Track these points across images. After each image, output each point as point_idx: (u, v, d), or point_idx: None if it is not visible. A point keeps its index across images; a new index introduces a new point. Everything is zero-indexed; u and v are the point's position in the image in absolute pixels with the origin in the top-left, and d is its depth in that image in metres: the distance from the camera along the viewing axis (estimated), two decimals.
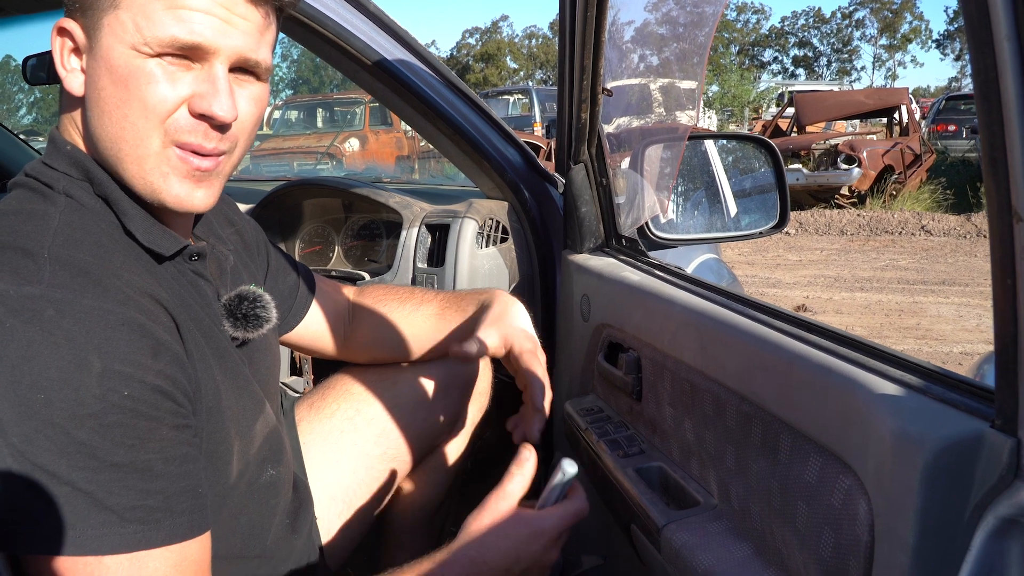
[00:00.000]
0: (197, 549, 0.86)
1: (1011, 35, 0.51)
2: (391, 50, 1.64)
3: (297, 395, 1.53)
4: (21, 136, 3.33)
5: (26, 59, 2.42)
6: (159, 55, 0.86)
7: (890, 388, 0.74)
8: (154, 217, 0.95)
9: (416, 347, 1.47)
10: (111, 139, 0.89)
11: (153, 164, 0.89)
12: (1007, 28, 0.51)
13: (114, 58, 0.86)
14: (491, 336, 1.30)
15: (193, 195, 0.92)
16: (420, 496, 1.57)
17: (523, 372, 1.30)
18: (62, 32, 0.90)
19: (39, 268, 0.82)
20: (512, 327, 1.32)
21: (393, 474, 1.46)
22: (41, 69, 2.42)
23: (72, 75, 0.91)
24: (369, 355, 1.50)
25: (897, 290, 7.03)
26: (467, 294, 1.46)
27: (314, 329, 1.41)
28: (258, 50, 0.92)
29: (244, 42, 0.90)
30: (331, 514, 1.37)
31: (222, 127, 0.91)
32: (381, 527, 1.56)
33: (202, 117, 0.89)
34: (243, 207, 2.26)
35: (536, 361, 1.30)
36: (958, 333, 5.54)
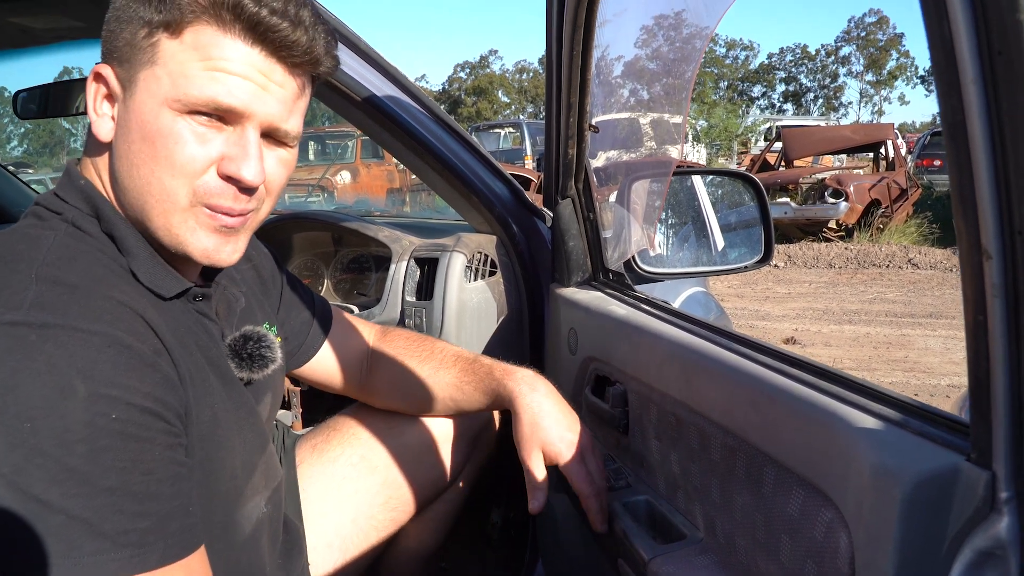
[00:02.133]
0: (190, 567, 0.85)
1: (977, 79, 0.53)
2: (380, 87, 1.66)
3: (299, 433, 1.52)
4: (10, 168, 3.33)
5: (17, 93, 2.42)
6: (190, 113, 0.87)
7: (870, 422, 0.75)
8: (163, 258, 0.95)
9: (429, 408, 1.44)
10: (138, 191, 0.90)
11: (180, 219, 0.91)
12: (973, 72, 0.53)
13: (145, 113, 0.88)
14: (537, 465, 1.25)
15: (221, 250, 0.94)
16: (417, 544, 1.56)
17: (573, 485, 1.24)
18: (98, 78, 0.91)
19: (25, 289, 0.81)
20: (548, 439, 1.25)
21: (392, 524, 1.44)
22: (32, 102, 2.43)
23: (102, 120, 0.92)
24: (384, 403, 1.48)
25: (885, 323, 7.07)
26: (484, 371, 1.38)
27: (327, 366, 1.41)
28: (289, 119, 0.94)
29: (277, 110, 0.92)
30: (326, 561, 1.35)
31: (249, 189, 0.92)
32: (375, 570, 1.54)
33: (229, 179, 0.91)
34: None
35: (580, 468, 1.24)
36: (946, 366, 5.56)
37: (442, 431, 1.48)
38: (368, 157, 12.64)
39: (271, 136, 0.94)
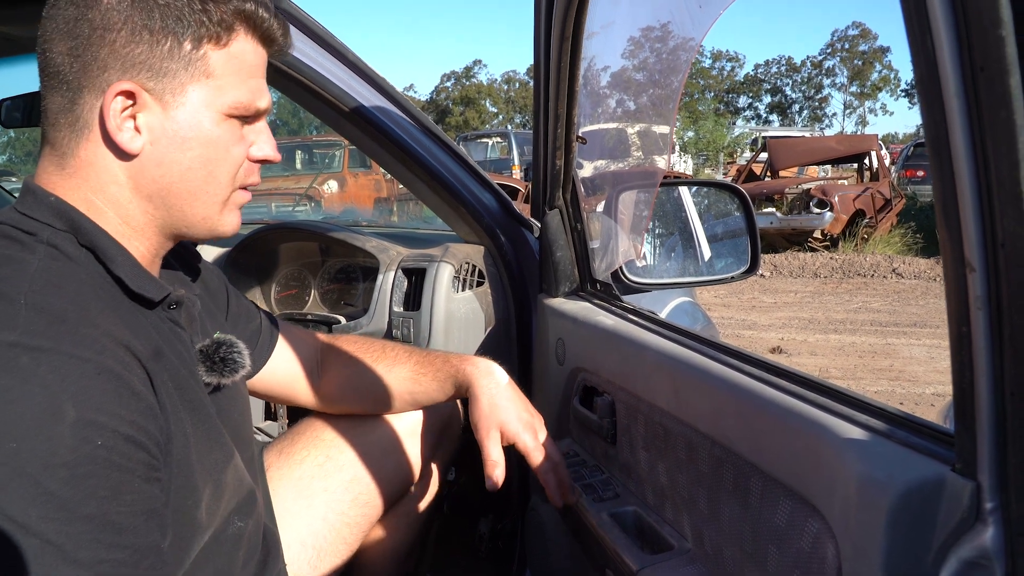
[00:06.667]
0: None
1: (960, 93, 0.53)
2: (368, 97, 1.66)
3: (267, 440, 1.52)
4: None
5: (1, 101, 2.41)
6: (229, 116, 0.98)
7: (856, 432, 0.75)
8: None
9: (387, 406, 1.47)
10: (189, 193, 0.98)
11: (224, 208, 1.02)
12: (956, 86, 0.54)
13: (203, 121, 0.96)
14: (494, 443, 1.32)
15: (239, 221, 1.06)
16: (391, 542, 1.56)
17: (531, 461, 1.33)
18: (127, 95, 0.92)
19: (15, 314, 0.81)
20: (506, 419, 1.34)
21: (364, 520, 1.45)
22: (16, 111, 2.40)
23: (128, 134, 0.93)
24: (339, 408, 1.49)
25: (870, 332, 7.10)
26: (440, 360, 1.44)
27: (280, 376, 1.40)
28: None
29: None
30: (301, 561, 1.36)
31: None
32: (352, 571, 1.54)
33: (258, 160, 1.04)
34: (220, 250, 2.26)
35: (538, 446, 1.34)
36: (930, 375, 5.59)
37: (406, 426, 1.50)
38: (355, 166, 12.60)
39: None
